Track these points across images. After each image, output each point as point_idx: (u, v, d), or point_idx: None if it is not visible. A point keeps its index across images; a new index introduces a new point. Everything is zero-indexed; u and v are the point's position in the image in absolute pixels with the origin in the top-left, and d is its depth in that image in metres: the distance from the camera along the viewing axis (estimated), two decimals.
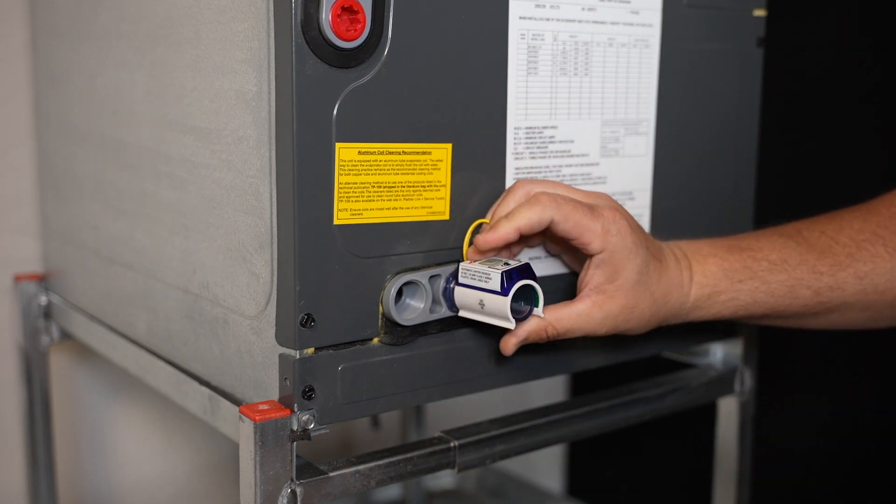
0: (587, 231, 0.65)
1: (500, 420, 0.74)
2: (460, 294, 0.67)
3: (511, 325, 0.64)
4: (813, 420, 1.20)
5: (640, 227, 0.68)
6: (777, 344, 1.10)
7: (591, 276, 0.66)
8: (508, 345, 0.66)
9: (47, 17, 0.95)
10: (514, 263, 0.65)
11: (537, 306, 0.65)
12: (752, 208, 0.87)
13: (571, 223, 0.64)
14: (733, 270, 0.70)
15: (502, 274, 0.64)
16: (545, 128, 0.72)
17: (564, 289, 0.75)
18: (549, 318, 0.65)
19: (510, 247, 0.68)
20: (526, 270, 0.65)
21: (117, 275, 0.85)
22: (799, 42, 1.16)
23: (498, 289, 0.64)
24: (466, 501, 1.37)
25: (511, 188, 0.68)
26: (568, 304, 0.66)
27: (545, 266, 0.73)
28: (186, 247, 0.73)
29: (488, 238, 0.64)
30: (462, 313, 0.67)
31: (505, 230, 0.63)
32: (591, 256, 0.66)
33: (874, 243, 0.70)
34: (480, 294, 0.65)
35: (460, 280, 0.67)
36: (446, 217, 0.67)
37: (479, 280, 0.65)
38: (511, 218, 0.64)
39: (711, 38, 0.80)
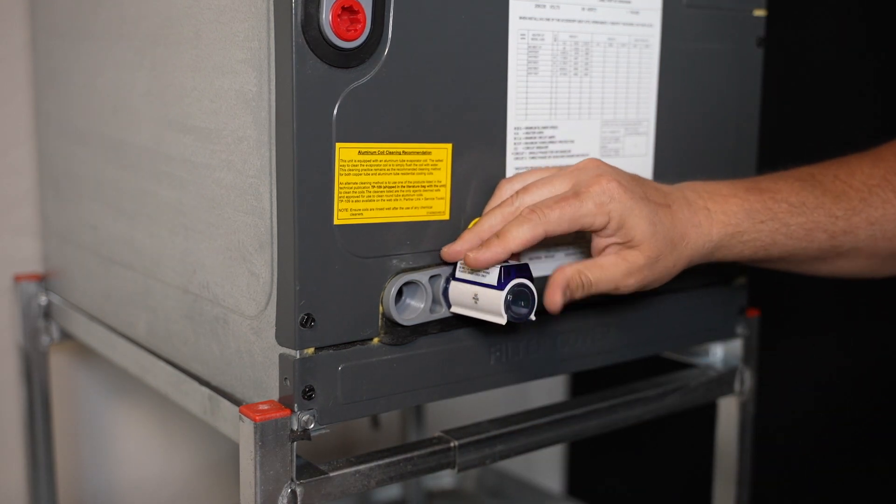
0: (583, 217, 0.64)
1: (500, 420, 0.74)
2: (455, 289, 0.67)
3: (502, 319, 0.64)
4: (812, 417, 1.20)
5: (634, 181, 0.67)
6: (776, 342, 1.10)
7: (607, 242, 0.66)
8: (556, 298, 0.64)
9: (47, 17, 0.95)
10: (513, 262, 0.65)
11: (532, 307, 0.65)
12: None
13: (566, 223, 0.64)
14: (754, 211, 0.70)
15: (501, 268, 0.64)
16: (545, 128, 0.72)
17: None
18: (577, 266, 0.65)
19: None
20: (524, 270, 0.65)
21: (117, 275, 0.85)
22: (799, 42, 1.16)
23: (494, 283, 0.64)
24: (466, 501, 1.37)
25: (497, 190, 0.68)
26: (592, 259, 0.67)
27: (544, 266, 0.73)
28: (186, 247, 0.73)
29: (479, 257, 0.64)
30: (454, 309, 0.67)
31: (495, 253, 0.63)
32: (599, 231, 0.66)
33: (885, 189, 0.71)
34: (475, 288, 0.65)
35: (457, 275, 0.67)
36: (446, 217, 0.67)
37: (477, 274, 0.65)
38: (503, 238, 0.63)
39: (711, 38, 0.80)
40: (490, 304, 0.64)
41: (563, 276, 0.64)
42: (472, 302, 0.66)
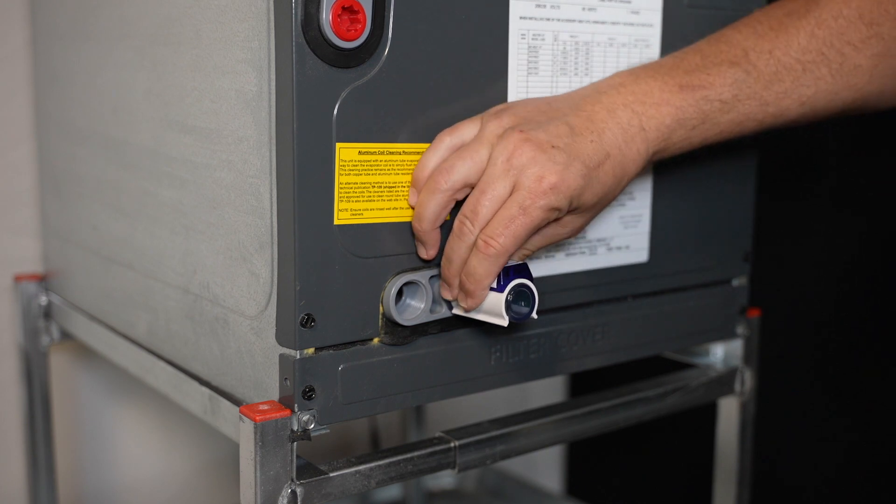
0: (536, 227, 0.63)
1: (500, 420, 0.74)
2: None
3: (504, 322, 0.64)
4: (814, 423, 1.20)
5: (567, 151, 0.62)
6: (777, 344, 1.10)
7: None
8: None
9: (47, 18, 0.95)
10: (511, 263, 0.65)
11: (533, 306, 0.65)
12: (753, 205, 0.87)
13: (523, 239, 0.63)
14: (686, 118, 0.67)
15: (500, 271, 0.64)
16: None
17: (562, 289, 0.75)
18: (523, 253, 0.65)
19: None
20: (523, 270, 0.65)
21: (117, 275, 0.85)
22: None
23: (494, 285, 0.64)
24: (466, 501, 1.37)
25: (429, 196, 0.64)
26: (536, 235, 0.65)
27: (545, 267, 0.73)
28: (187, 247, 0.73)
29: (469, 305, 0.65)
30: (456, 311, 0.67)
31: (478, 296, 0.64)
32: None
33: (819, 65, 0.69)
34: None
35: None
36: (446, 217, 0.67)
37: None
38: (474, 282, 0.63)
39: None
40: (491, 307, 0.64)
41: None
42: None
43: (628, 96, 0.66)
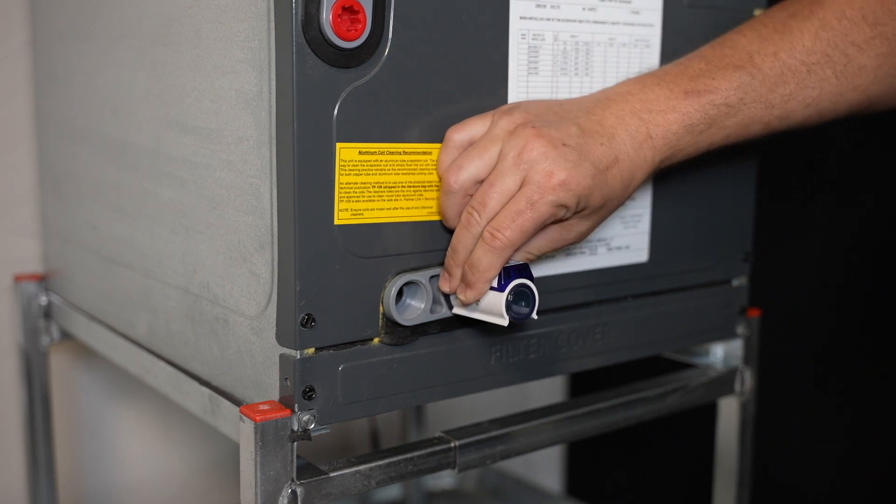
0: (542, 223, 0.63)
1: (500, 420, 0.74)
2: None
3: (504, 321, 0.64)
4: (815, 422, 1.20)
5: (579, 150, 0.62)
6: (777, 344, 1.10)
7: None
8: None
9: (47, 18, 0.95)
10: (512, 262, 0.65)
11: (534, 306, 0.65)
12: (753, 205, 0.87)
13: (530, 233, 0.63)
14: (693, 124, 0.67)
15: (500, 271, 0.64)
16: None
17: (562, 289, 0.75)
18: (524, 253, 0.65)
19: None
20: (524, 270, 0.65)
21: (117, 275, 0.85)
22: None
23: (494, 285, 0.64)
24: (466, 501, 1.37)
25: (444, 197, 0.65)
26: (540, 237, 0.65)
27: (545, 267, 0.73)
28: (187, 247, 0.73)
29: (468, 297, 0.65)
30: (456, 310, 0.67)
31: (479, 288, 0.64)
32: None
33: (824, 66, 0.69)
34: None
35: None
36: None
37: None
38: (478, 273, 0.63)
39: (712, 38, 0.80)
40: (491, 306, 0.64)
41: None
42: (473, 304, 0.66)
43: (636, 104, 0.66)
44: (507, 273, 0.64)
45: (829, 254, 1.17)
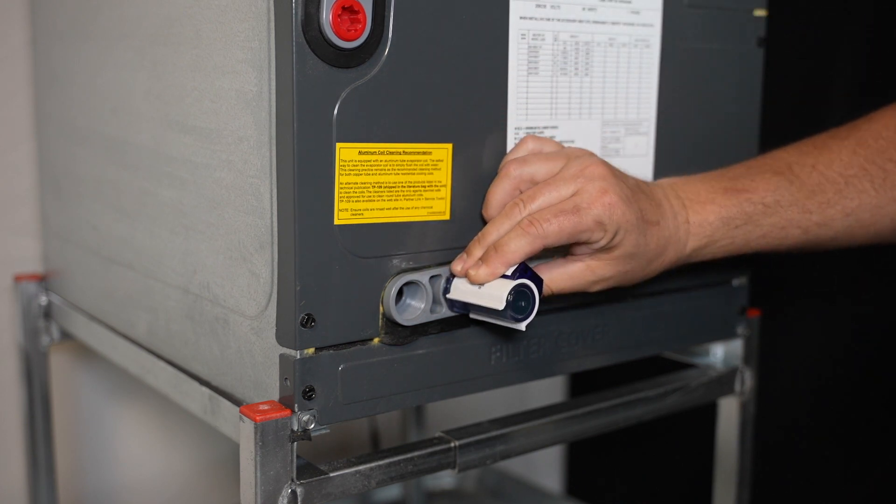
0: (582, 233, 0.65)
1: (500, 420, 0.74)
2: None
3: (501, 304, 0.64)
4: (811, 416, 1.20)
5: (634, 195, 0.67)
6: (777, 344, 1.10)
7: (587, 249, 0.67)
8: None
9: (47, 18, 0.95)
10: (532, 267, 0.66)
11: (528, 315, 0.65)
12: None
13: (564, 237, 0.65)
14: (730, 218, 0.70)
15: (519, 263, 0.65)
16: (546, 128, 0.72)
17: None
18: (545, 279, 0.67)
19: None
20: (535, 279, 0.65)
21: (117, 275, 0.85)
22: (799, 41, 1.16)
23: (508, 273, 0.64)
24: (466, 501, 1.37)
25: (497, 182, 0.67)
26: (562, 263, 0.68)
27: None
28: (187, 247, 0.73)
29: (479, 274, 0.65)
30: (452, 294, 0.67)
31: (495, 268, 0.64)
32: None
33: (862, 179, 0.71)
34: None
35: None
36: (447, 217, 0.67)
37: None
38: (502, 252, 0.64)
39: (712, 38, 0.80)
40: (494, 289, 0.64)
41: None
42: (475, 286, 0.65)
43: (680, 192, 0.71)
44: (524, 269, 0.64)
45: (830, 253, 1.17)
